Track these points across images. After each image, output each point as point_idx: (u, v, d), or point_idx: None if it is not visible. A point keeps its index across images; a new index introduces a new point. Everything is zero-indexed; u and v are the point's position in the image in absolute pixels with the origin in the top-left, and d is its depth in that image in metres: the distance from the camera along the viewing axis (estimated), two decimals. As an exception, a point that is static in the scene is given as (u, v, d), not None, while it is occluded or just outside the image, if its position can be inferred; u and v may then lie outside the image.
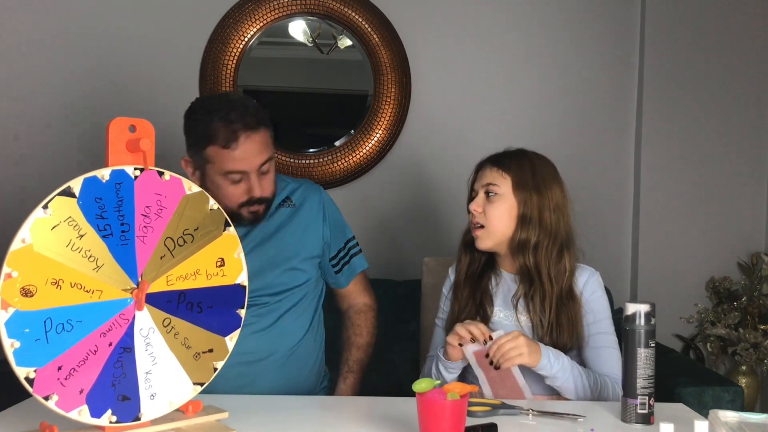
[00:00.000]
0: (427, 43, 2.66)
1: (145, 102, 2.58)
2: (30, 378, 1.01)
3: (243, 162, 1.52)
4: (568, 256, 1.52)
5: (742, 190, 2.71)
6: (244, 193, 1.55)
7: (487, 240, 1.54)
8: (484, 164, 1.57)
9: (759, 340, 2.50)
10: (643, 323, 1.25)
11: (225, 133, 1.50)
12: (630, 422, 1.25)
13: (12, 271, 0.99)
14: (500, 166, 1.53)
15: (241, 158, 1.52)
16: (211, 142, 1.51)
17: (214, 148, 1.51)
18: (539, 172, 1.53)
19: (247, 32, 2.57)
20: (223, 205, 1.48)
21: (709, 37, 2.68)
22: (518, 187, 1.51)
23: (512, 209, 1.51)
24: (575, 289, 1.53)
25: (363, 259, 1.80)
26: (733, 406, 1.79)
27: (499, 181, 1.52)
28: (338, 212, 1.78)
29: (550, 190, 1.52)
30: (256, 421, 1.24)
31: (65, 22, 2.57)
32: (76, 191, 1.05)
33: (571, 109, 2.71)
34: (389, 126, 2.62)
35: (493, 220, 1.52)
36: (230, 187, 1.54)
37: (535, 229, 1.50)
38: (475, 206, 1.53)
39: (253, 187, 1.54)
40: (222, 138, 1.50)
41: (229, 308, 1.23)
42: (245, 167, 1.53)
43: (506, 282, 1.59)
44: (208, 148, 1.52)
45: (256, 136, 1.53)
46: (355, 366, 1.73)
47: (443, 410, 1.07)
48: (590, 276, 1.56)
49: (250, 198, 1.55)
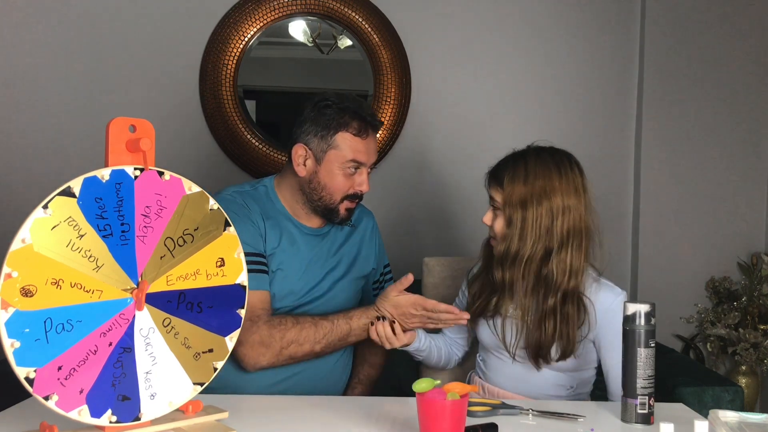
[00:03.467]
0: (427, 43, 2.66)
1: (145, 102, 2.58)
2: (30, 378, 1.01)
3: (365, 155, 1.63)
4: (572, 254, 1.47)
5: (742, 190, 2.71)
6: (353, 186, 1.64)
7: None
8: (486, 176, 1.57)
9: (759, 340, 2.50)
10: (643, 323, 1.25)
11: (359, 123, 1.62)
12: (630, 422, 1.25)
13: (12, 271, 0.99)
14: (495, 180, 1.53)
15: (366, 150, 1.63)
16: (344, 129, 1.61)
17: (347, 135, 1.61)
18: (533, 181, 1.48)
19: (247, 32, 2.57)
20: (327, 197, 1.63)
21: (709, 37, 2.68)
22: (506, 203, 1.49)
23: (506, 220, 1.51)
24: (584, 299, 1.48)
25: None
26: (733, 406, 1.79)
27: (496, 196, 1.52)
28: (381, 238, 1.87)
29: (545, 199, 1.47)
30: (256, 421, 1.24)
31: (65, 22, 2.57)
32: (76, 191, 1.05)
33: (571, 109, 2.71)
34: (389, 126, 2.62)
35: (499, 232, 1.52)
36: (343, 177, 1.63)
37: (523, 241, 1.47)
38: (486, 219, 1.55)
39: (364, 181, 1.64)
40: (356, 127, 1.61)
41: (229, 308, 1.23)
42: (365, 159, 1.64)
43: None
44: (339, 134, 1.61)
45: (375, 136, 1.67)
46: (366, 380, 1.79)
47: (443, 410, 1.07)
48: (615, 298, 1.50)
49: (355, 192, 1.65)
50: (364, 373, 1.80)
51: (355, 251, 1.76)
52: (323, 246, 1.70)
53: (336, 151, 1.61)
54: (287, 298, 1.63)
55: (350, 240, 1.76)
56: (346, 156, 1.61)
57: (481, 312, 1.57)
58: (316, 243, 1.69)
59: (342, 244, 1.74)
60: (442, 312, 1.50)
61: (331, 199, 1.64)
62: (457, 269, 1.96)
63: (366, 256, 1.78)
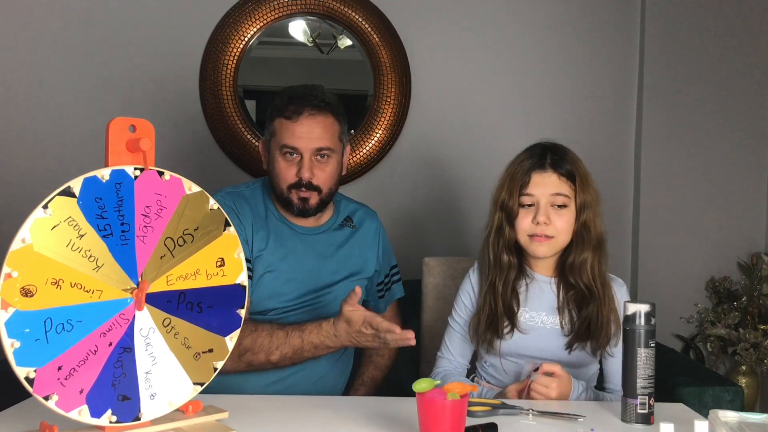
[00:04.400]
0: (427, 43, 2.66)
1: (145, 102, 2.58)
2: (30, 378, 1.01)
3: (300, 140, 1.56)
4: (601, 256, 1.51)
5: (742, 190, 2.71)
6: (295, 174, 1.57)
7: (551, 250, 1.50)
8: (542, 169, 1.48)
9: (759, 340, 2.50)
10: (643, 323, 1.25)
11: (290, 107, 1.57)
12: (630, 422, 1.25)
13: (12, 271, 0.99)
14: (566, 175, 1.48)
15: (300, 135, 1.56)
16: (278, 114, 1.58)
17: (280, 120, 1.58)
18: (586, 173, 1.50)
19: (247, 32, 2.57)
20: (277, 187, 1.59)
21: (709, 37, 2.68)
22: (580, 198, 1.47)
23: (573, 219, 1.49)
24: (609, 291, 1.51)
25: (401, 286, 1.84)
26: (733, 406, 1.79)
27: (567, 191, 1.47)
28: (388, 239, 1.82)
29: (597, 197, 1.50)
30: (256, 420, 1.24)
31: (65, 23, 2.57)
32: (76, 191, 1.05)
33: (571, 109, 2.71)
34: (389, 126, 2.62)
35: (563, 233, 1.48)
36: (283, 164, 1.58)
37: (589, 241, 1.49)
38: (543, 218, 1.46)
39: (303, 168, 1.56)
40: (287, 110, 1.56)
41: (229, 308, 1.23)
42: (301, 145, 1.56)
43: (538, 284, 1.55)
44: (276, 120, 1.59)
45: (321, 117, 1.57)
46: (369, 382, 1.76)
47: (443, 410, 1.07)
48: (619, 287, 1.55)
49: (299, 180, 1.57)
50: (368, 374, 1.77)
51: (356, 253, 1.72)
52: (319, 246, 1.67)
53: (274, 138, 1.60)
54: (275, 299, 1.61)
55: (351, 241, 1.73)
56: (279, 141, 1.58)
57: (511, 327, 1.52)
58: (311, 242, 1.66)
59: (342, 244, 1.71)
60: (384, 331, 1.39)
61: (280, 189, 1.60)
62: (458, 269, 1.97)
63: (369, 258, 1.75)
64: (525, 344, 1.52)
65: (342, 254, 1.70)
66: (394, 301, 1.84)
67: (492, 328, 1.51)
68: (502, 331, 1.51)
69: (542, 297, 1.54)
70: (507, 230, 1.51)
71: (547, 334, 1.52)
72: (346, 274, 1.70)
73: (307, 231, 1.67)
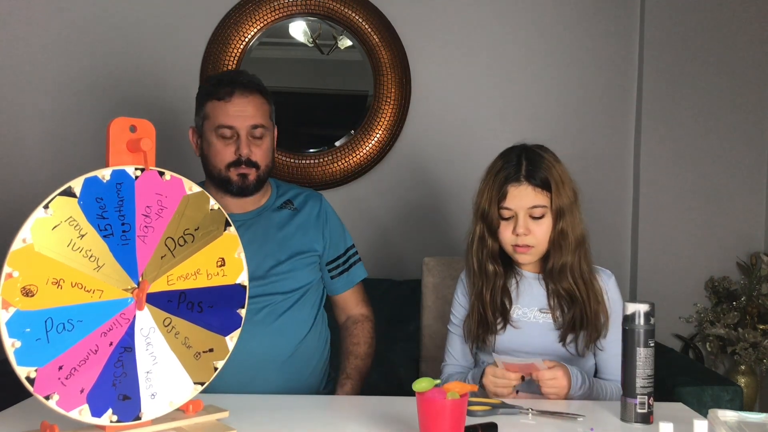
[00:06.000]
0: (427, 43, 2.67)
1: (146, 102, 2.58)
2: (31, 377, 1.01)
3: (236, 119, 1.63)
4: (583, 254, 1.52)
5: (741, 189, 2.71)
6: (234, 153, 1.64)
7: (534, 257, 1.53)
8: (517, 182, 1.49)
9: (758, 339, 2.50)
10: (642, 323, 1.25)
11: (223, 88, 1.64)
12: (629, 422, 1.25)
13: (13, 270, 0.99)
14: (541, 185, 1.48)
15: (235, 114, 1.63)
16: (209, 98, 1.66)
17: (212, 103, 1.65)
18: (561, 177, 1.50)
19: (247, 33, 2.57)
20: (215, 169, 1.65)
21: (709, 36, 2.68)
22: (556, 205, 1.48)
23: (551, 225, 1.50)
24: (596, 285, 1.53)
25: (362, 268, 1.82)
26: (733, 405, 1.80)
27: (544, 201, 1.48)
28: (338, 219, 1.82)
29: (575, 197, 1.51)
30: (257, 420, 1.24)
31: (66, 23, 2.57)
32: (77, 191, 1.05)
33: (571, 109, 2.71)
34: (389, 126, 2.63)
35: (543, 241, 1.50)
36: (220, 144, 1.65)
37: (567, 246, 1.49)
38: (523, 230, 1.47)
39: (242, 145, 1.63)
40: (218, 92, 1.64)
41: (230, 308, 1.23)
42: (236, 124, 1.63)
43: (528, 281, 1.57)
44: (207, 104, 1.66)
45: (251, 97, 1.66)
46: (354, 373, 1.72)
47: (443, 410, 1.07)
48: (607, 278, 1.56)
49: (238, 158, 1.64)
50: (351, 366, 1.72)
51: (299, 233, 1.72)
52: (257, 230, 1.68)
53: (208, 121, 1.66)
54: None
55: (292, 222, 1.73)
56: (214, 122, 1.64)
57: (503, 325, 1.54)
58: (246, 229, 1.66)
59: (282, 226, 1.71)
60: None
61: (218, 170, 1.65)
62: (458, 269, 1.97)
63: (313, 237, 1.73)
64: (519, 340, 1.53)
65: (284, 235, 1.71)
66: (357, 284, 1.81)
67: (483, 326, 1.54)
68: (495, 328, 1.53)
69: (532, 293, 1.56)
70: (490, 241, 1.53)
71: (540, 329, 1.53)
72: (290, 254, 1.70)
73: (240, 218, 1.67)
